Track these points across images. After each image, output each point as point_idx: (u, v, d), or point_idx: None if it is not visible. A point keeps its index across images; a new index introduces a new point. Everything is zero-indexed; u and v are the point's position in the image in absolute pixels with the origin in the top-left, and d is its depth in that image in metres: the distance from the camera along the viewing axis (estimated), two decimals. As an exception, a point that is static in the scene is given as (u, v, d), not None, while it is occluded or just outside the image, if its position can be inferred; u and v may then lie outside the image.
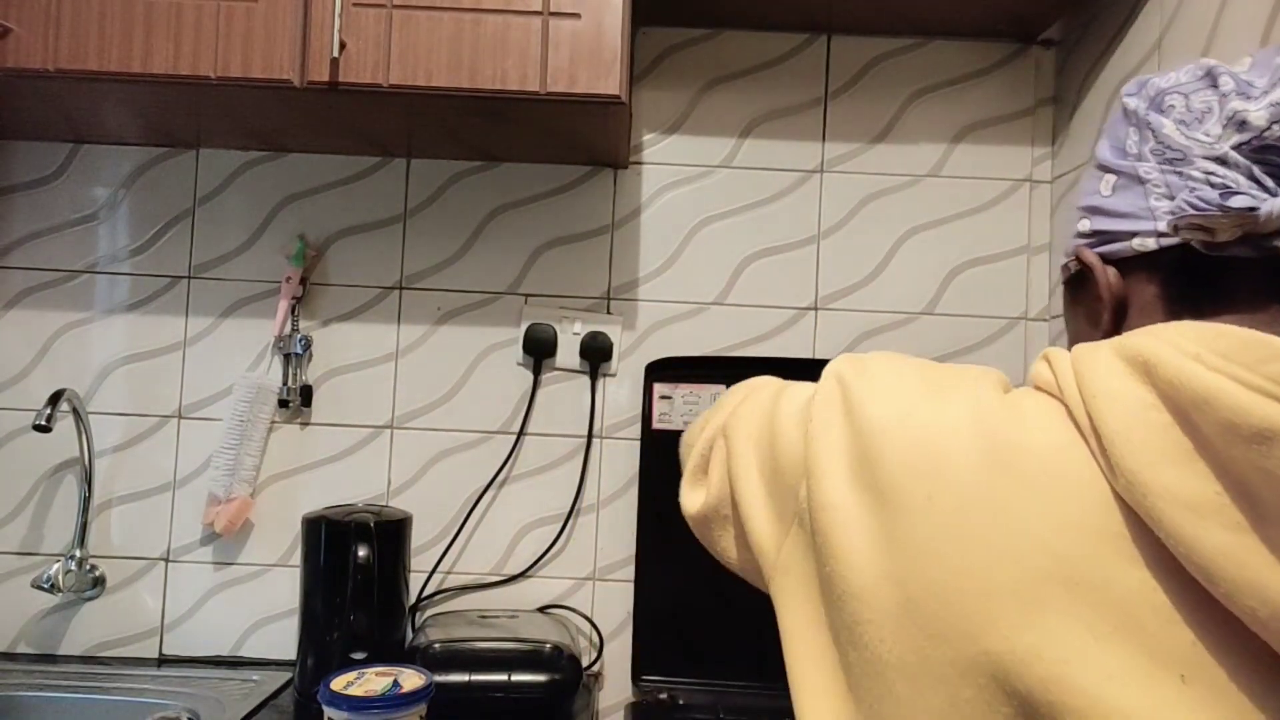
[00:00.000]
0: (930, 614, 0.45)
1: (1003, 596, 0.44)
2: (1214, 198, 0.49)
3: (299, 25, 1.01)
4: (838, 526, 0.50)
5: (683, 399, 1.27)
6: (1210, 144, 0.51)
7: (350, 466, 1.31)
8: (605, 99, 1.02)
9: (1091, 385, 0.46)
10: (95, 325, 1.31)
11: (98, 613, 1.29)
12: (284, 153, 1.32)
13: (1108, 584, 0.42)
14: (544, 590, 1.30)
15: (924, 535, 0.46)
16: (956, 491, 0.46)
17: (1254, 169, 0.50)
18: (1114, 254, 0.56)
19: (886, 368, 0.56)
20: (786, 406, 0.61)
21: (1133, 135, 0.56)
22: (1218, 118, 0.51)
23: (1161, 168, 0.53)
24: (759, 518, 0.59)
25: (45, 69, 1.00)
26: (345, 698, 0.83)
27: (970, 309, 1.32)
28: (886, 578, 0.47)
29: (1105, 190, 0.57)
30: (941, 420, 0.49)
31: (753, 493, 0.60)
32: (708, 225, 1.33)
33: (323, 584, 1.11)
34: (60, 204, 1.32)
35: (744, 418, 0.66)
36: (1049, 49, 1.33)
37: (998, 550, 0.44)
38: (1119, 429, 0.44)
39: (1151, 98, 0.55)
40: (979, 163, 1.32)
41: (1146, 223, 0.54)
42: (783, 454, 0.57)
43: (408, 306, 1.32)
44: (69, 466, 1.31)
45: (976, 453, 0.47)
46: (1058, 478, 0.45)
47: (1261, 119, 0.49)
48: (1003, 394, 0.51)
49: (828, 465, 0.52)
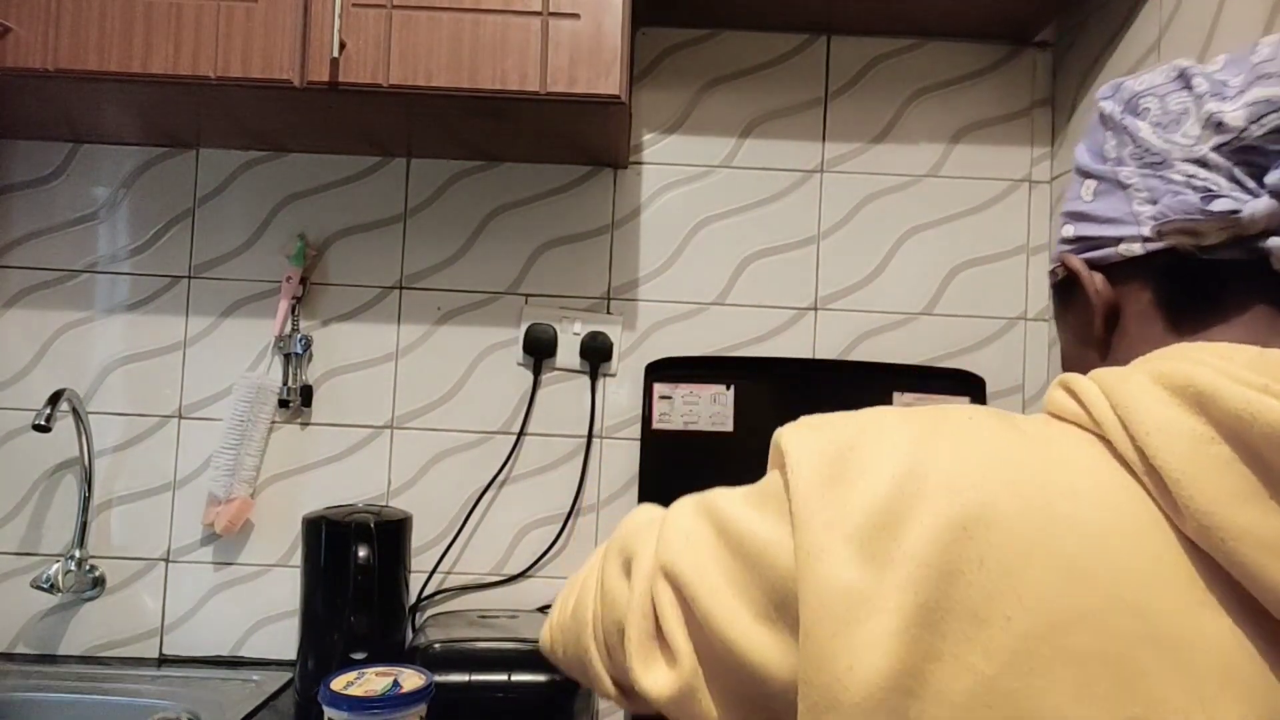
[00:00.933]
0: (1006, 690, 0.39)
1: (1092, 665, 0.39)
2: (1196, 201, 0.48)
3: (299, 25, 1.01)
4: (851, 615, 0.42)
5: (683, 399, 1.27)
6: (1189, 146, 0.50)
7: (350, 466, 1.31)
8: (605, 99, 1.02)
9: (1139, 420, 0.42)
10: (95, 325, 1.31)
11: (97, 613, 1.29)
12: (284, 153, 1.32)
13: (1201, 638, 0.39)
14: (544, 590, 1.30)
15: (983, 604, 0.40)
16: (1009, 549, 0.40)
17: (1235, 170, 0.48)
18: (1100, 260, 0.54)
19: (861, 423, 0.49)
20: (737, 511, 0.50)
21: (1110, 139, 0.55)
22: (1195, 119, 0.50)
23: (1142, 171, 0.52)
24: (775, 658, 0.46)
25: (45, 69, 1.00)
26: (345, 698, 0.83)
27: (970, 309, 1.32)
28: (933, 658, 0.40)
29: (1087, 195, 0.56)
30: (967, 468, 0.43)
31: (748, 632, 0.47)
32: (708, 225, 1.33)
33: (323, 584, 1.11)
34: (60, 204, 1.32)
35: (680, 546, 0.51)
36: (1046, 50, 1.33)
37: (1072, 612, 0.39)
38: (1184, 468, 0.40)
39: (1126, 101, 0.54)
40: (978, 163, 1.33)
41: (1131, 227, 0.52)
42: (770, 566, 0.46)
43: (408, 306, 1.32)
44: (69, 466, 1.31)
45: (1020, 500, 0.42)
46: (1115, 522, 0.41)
47: (1239, 119, 0.48)
48: (1019, 430, 0.46)
49: (824, 544, 0.44)
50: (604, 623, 0.57)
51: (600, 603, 0.58)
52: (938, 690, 0.40)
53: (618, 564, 0.57)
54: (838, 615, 0.42)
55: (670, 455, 1.26)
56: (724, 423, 1.26)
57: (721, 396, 1.26)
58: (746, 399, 1.26)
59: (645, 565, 0.54)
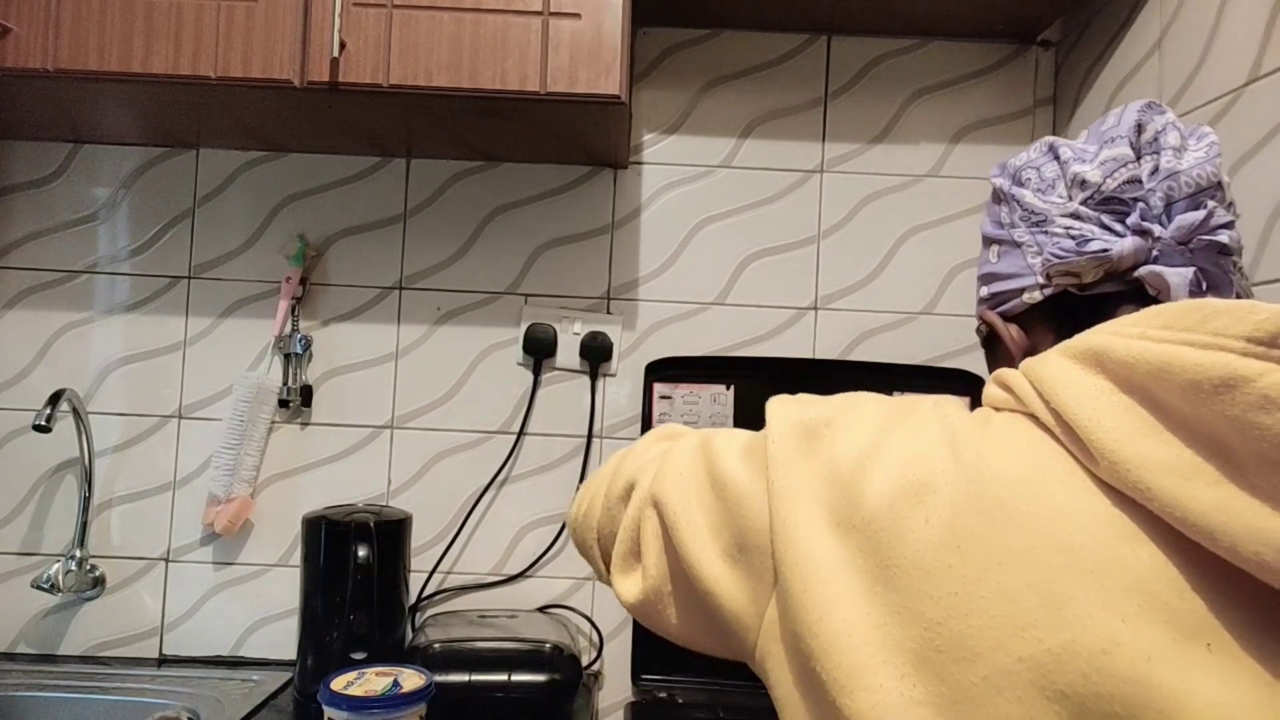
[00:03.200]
0: (954, 634, 0.45)
1: (1025, 599, 0.44)
2: (1072, 246, 0.59)
3: (299, 25, 1.01)
4: (821, 576, 0.49)
5: (683, 399, 1.27)
6: (1063, 204, 0.61)
7: (350, 466, 1.31)
8: (605, 99, 1.02)
9: (1050, 387, 0.49)
10: (95, 325, 1.31)
11: (98, 613, 1.29)
12: (284, 153, 1.32)
13: (1122, 565, 0.43)
14: (544, 590, 1.30)
15: (929, 556, 0.46)
16: (952, 506, 0.47)
17: (1102, 218, 0.59)
18: (1011, 311, 0.65)
19: (841, 404, 0.57)
20: (726, 459, 0.58)
21: (1003, 209, 0.65)
22: (1064, 181, 0.61)
23: (1031, 230, 0.62)
24: (728, 591, 0.55)
25: (45, 69, 1.00)
26: (345, 698, 0.83)
27: (970, 309, 1.32)
28: (898, 612, 0.46)
29: (993, 258, 0.66)
30: (918, 445, 0.51)
31: (710, 562, 0.56)
32: (708, 225, 1.33)
33: (323, 584, 1.11)
34: (60, 204, 1.32)
35: (670, 480, 0.61)
36: (1048, 49, 1.33)
37: (1008, 554, 0.45)
38: (1090, 416, 0.46)
39: (1012, 175, 0.65)
40: (978, 163, 1.32)
41: (1029, 278, 0.62)
42: (742, 510, 0.55)
43: (408, 306, 1.32)
44: (69, 466, 1.31)
45: (960, 468, 0.48)
46: (1043, 477, 0.47)
47: (1096, 176, 0.59)
48: (969, 416, 0.53)
49: (799, 513, 0.51)
50: (603, 530, 0.69)
51: (603, 513, 0.69)
52: (896, 640, 0.46)
53: (622, 484, 0.67)
54: (807, 573, 0.50)
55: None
56: (724, 423, 1.26)
57: (721, 396, 1.26)
58: (746, 399, 1.26)
59: (641, 493, 0.64)
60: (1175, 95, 1.02)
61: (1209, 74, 0.96)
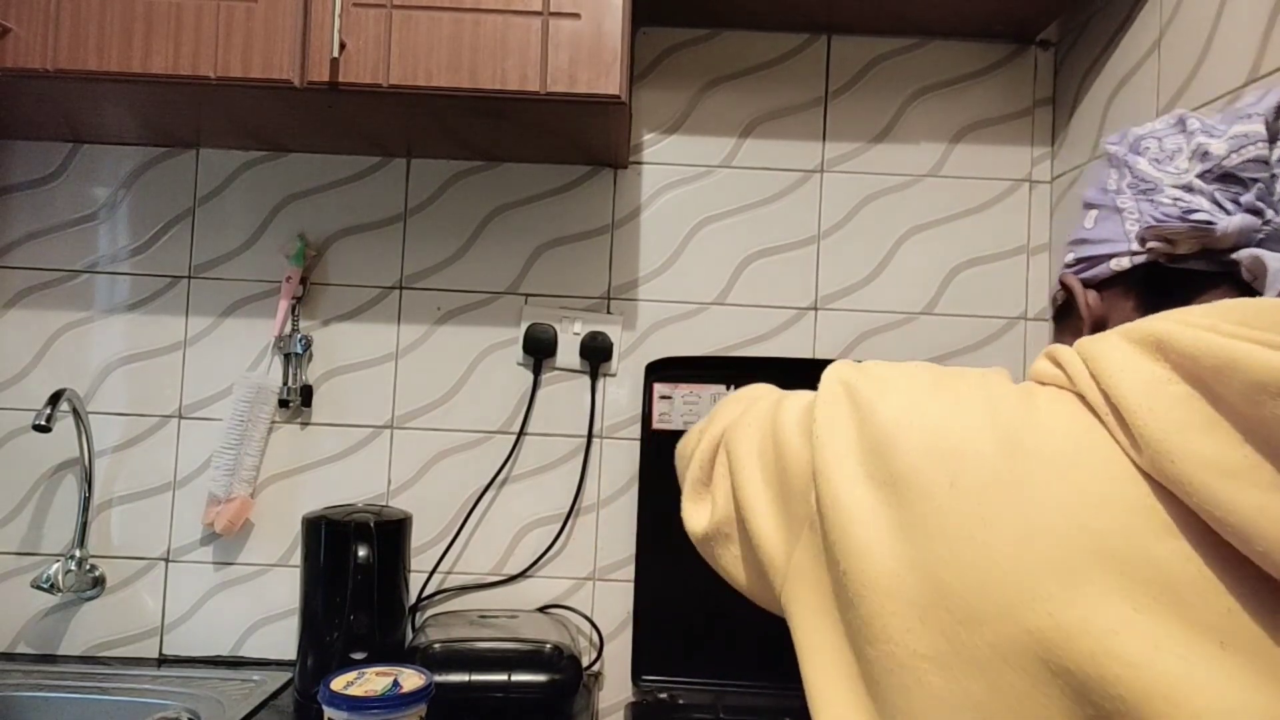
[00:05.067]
0: (964, 597, 0.45)
1: (1041, 573, 0.44)
2: (1175, 213, 0.57)
3: (299, 25, 1.01)
4: (854, 523, 0.51)
5: (683, 399, 1.27)
6: (1178, 175, 0.59)
7: (350, 466, 1.31)
8: (605, 99, 1.02)
9: (1104, 368, 0.48)
10: (95, 325, 1.31)
11: (98, 613, 1.29)
12: (284, 153, 1.32)
13: (1144, 557, 0.43)
14: (544, 590, 1.30)
15: (951, 519, 0.47)
16: (980, 474, 0.47)
17: (1216, 194, 0.57)
18: (1094, 277, 0.63)
19: (891, 369, 0.59)
20: (787, 415, 0.61)
21: (1113, 175, 0.63)
22: (1185, 153, 0.59)
23: (1136, 198, 0.60)
24: (766, 529, 0.59)
25: (44, 69, 1.00)
26: (345, 698, 0.83)
27: (970, 309, 1.32)
28: (912, 567, 0.48)
29: (1089, 224, 0.64)
30: (956, 410, 0.51)
31: (759, 504, 0.61)
32: (708, 225, 1.33)
33: (323, 584, 1.11)
34: (60, 204, 1.32)
35: (744, 428, 0.66)
36: (1047, 49, 1.33)
37: (1031, 527, 0.45)
38: (1140, 403, 0.45)
39: (1131, 143, 0.63)
40: (978, 163, 1.32)
41: (1121, 244, 0.60)
42: (789, 461, 0.58)
43: (408, 306, 1.32)
44: (69, 466, 1.31)
45: (996, 438, 0.48)
46: (1081, 457, 0.46)
47: (1221, 149, 0.56)
48: (1013, 388, 0.53)
49: (837, 465, 0.53)
50: (691, 459, 0.74)
51: (699, 445, 0.74)
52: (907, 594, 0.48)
53: (718, 430, 0.72)
54: (843, 523, 0.52)
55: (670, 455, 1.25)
56: (724, 423, 1.26)
57: (721, 396, 1.26)
58: (746, 399, 1.26)
59: (716, 435, 0.70)
60: (1174, 95, 1.02)
61: (1208, 74, 0.96)
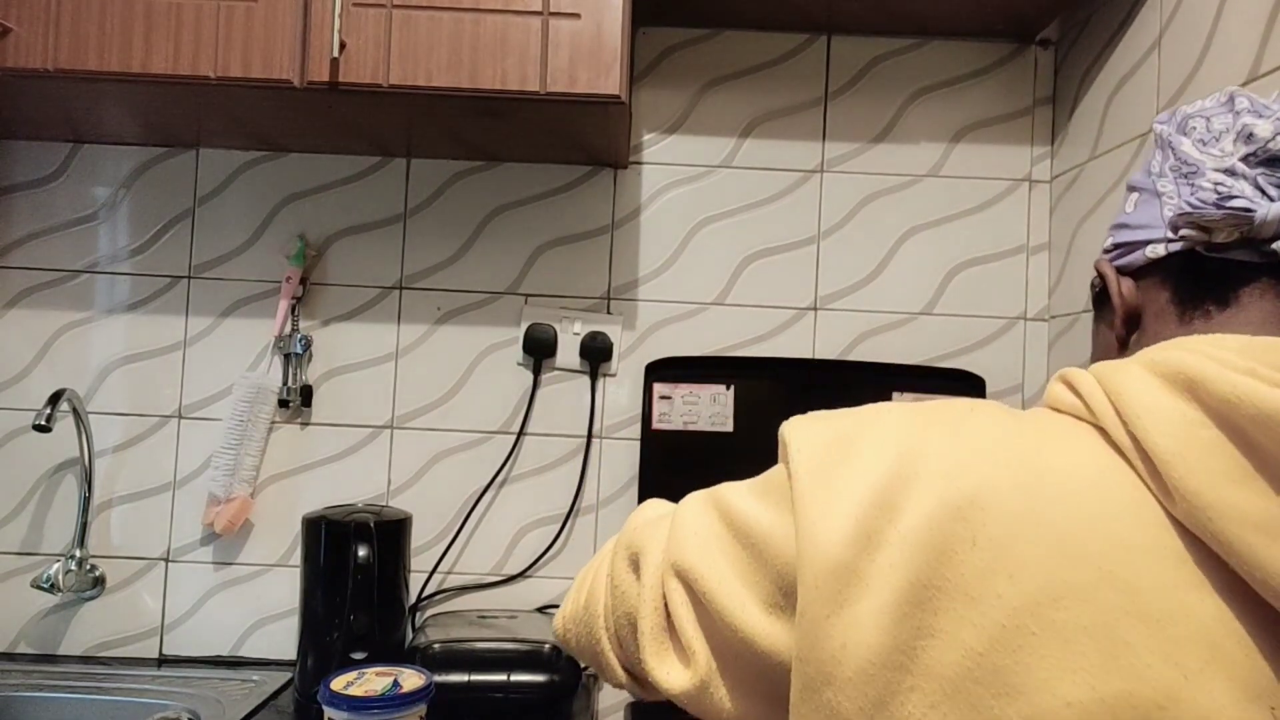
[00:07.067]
0: (997, 668, 0.40)
1: (1080, 640, 0.40)
2: (1213, 199, 0.52)
3: (299, 25, 1.01)
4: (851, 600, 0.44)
5: (682, 399, 1.27)
6: (1222, 158, 0.53)
7: (350, 466, 1.31)
8: (605, 99, 1.02)
9: (1132, 406, 0.43)
10: (95, 325, 1.31)
11: (98, 613, 1.29)
12: (284, 153, 1.32)
13: (1187, 614, 0.39)
14: (544, 590, 1.30)
15: (975, 581, 0.42)
16: (1001, 527, 0.42)
17: (1259, 178, 0.51)
18: (1130, 264, 0.58)
19: (863, 416, 0.51)
20: (744, 504, 0.52)
21: (1158, 156, 0.58)
22: (1231, 134, 0.54)
23: (1176, 182, 0.55)
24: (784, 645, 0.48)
25: (45, 69, 1.00)
26: (345, 698, 0.83)
27: (969, 309, 1.32)
28: (930, 636, 0.42)
29: (1129, 208, 0.60)
30: (962, 454, 0.45)
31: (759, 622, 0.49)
32: (708, 225, 1.33)
33: (323, 584, 1.11)
34: (60, 204, 1.32)
35: (690, 544, 0.53)
36: (1047, 49, 1.33)
37: (1065, 588, 0.40)
38: (1172, 448, 0.41)
39: (1179, 122, 0.58)
40: (978, 162, 1.32)
41: (1158, 231, 0.56)
42: (776, 553, 0.49)
43: (408, 306, 1.32)
44: (69, 466, 1.31)
45: (1013, 482, 0.43)
46: (1106, 502, 0.42)
47: (1267, 130, 0.51)
48: (1016, 419, 0.48)
49: (826, 532, 0.46)
50: (615, 615, 0.59)
51: (610, 596, 0.59)
52: (928, 666, 0.42)
53: (626, 559, 0.59)
54: (833, 594, 0.44)
55: (670, 455, 1.26)
56: (724, 423, 1.26)
57: (721, 396, 1.26)
58: (746, 399, 1.26)
59: (655, 560, 0.56)
60: (1174, 94, 1.02)
61: (1208, 73, 0.96)
